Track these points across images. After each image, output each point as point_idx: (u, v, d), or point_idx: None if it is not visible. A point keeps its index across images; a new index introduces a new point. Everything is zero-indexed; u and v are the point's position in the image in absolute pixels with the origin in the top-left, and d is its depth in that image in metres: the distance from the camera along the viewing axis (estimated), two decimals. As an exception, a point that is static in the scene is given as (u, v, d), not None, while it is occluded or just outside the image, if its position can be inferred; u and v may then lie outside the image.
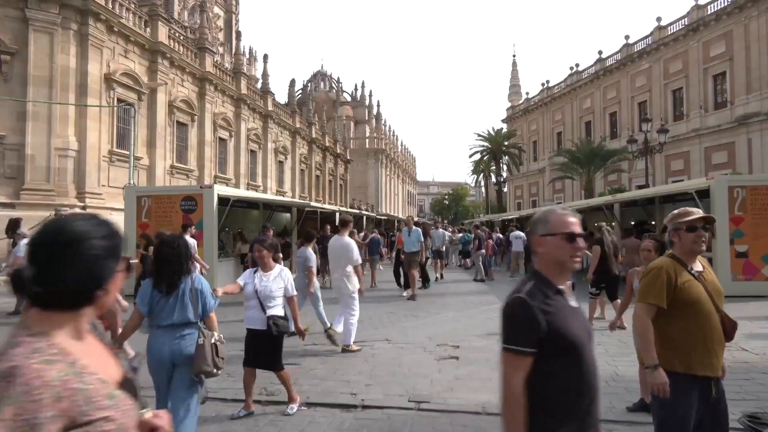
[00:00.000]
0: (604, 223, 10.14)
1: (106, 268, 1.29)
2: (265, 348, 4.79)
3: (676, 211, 2.93)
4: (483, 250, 17.42)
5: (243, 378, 4.83)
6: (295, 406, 4.87)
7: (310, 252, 7.99)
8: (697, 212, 2.86)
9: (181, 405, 3.54)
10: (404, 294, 12.99)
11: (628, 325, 6.59)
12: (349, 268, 7.51)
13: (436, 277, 16.35)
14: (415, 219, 18.13)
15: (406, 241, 13.23)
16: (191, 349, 3.57)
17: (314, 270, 7.88)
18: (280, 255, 9.35)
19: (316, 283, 7.94)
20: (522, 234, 17.85)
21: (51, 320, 1.23)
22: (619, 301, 7.94)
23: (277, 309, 4.83)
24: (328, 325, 7.66)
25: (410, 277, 12.83)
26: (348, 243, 7.72)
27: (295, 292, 5.09)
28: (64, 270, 1.22)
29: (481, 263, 17.20)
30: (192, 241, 9.72)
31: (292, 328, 5.10)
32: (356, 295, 7.44)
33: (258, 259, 5.01)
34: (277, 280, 4.92)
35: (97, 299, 1.28)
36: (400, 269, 14.23)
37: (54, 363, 1.14)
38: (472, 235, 18.71)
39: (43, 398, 1.09)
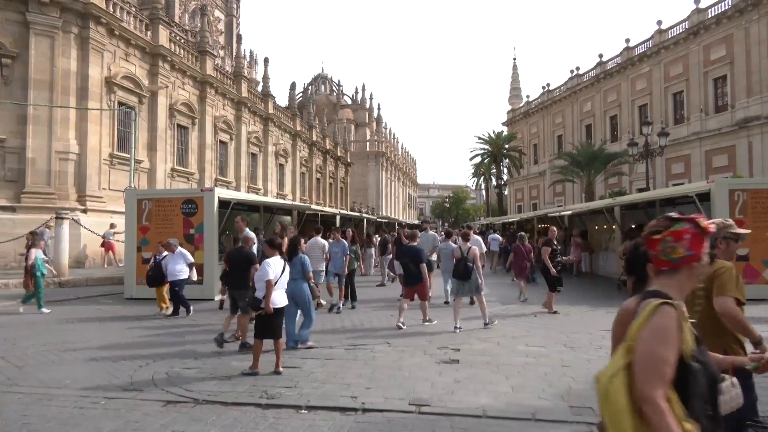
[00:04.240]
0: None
1: None
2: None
3: (721, 221, 3.42)
4: (390, 255, 15.64)
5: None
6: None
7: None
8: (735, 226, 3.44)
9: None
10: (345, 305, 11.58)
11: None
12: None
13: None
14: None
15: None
16: None
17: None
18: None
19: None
20: (498, 236, 22.46)
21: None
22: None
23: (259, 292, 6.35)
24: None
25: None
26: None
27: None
28: None
29: (386, 267, 16.24)
30: (323, 242, 11.32)
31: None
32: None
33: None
34: None
35: None
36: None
37: None
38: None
39: None
